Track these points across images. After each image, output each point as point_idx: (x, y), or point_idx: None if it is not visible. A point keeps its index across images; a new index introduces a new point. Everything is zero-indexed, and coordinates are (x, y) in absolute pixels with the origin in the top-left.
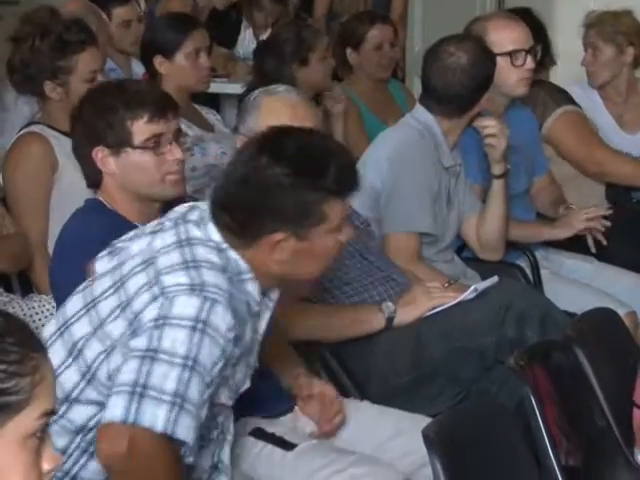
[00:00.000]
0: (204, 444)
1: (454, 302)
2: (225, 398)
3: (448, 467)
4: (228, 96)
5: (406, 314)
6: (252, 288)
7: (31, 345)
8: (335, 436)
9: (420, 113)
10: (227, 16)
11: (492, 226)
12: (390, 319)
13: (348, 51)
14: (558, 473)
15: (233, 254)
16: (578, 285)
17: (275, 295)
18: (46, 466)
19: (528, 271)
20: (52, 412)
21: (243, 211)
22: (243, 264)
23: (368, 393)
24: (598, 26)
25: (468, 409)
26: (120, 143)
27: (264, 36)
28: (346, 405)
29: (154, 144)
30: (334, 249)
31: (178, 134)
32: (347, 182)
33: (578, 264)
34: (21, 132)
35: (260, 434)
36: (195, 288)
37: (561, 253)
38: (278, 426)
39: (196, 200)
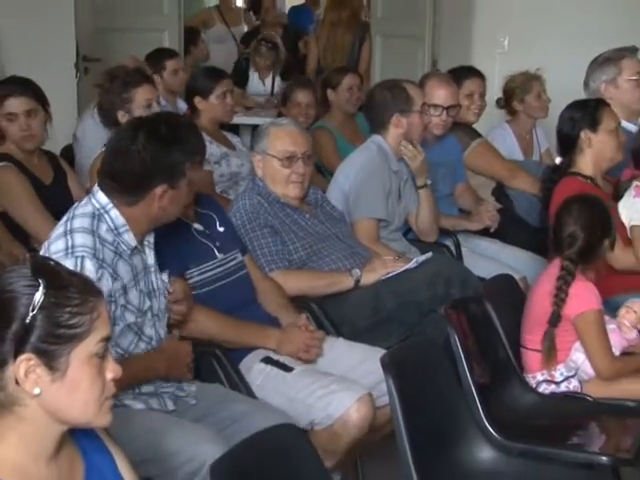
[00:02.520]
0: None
1: (402, 269)
2: (133, 318)
3: (398, 384)
4: (245, 125)
5: (368, 278)
6: (127, 237)
7: (89, 292)
8: (318, 363)
9: (376, 138)
10: (239, 63)
11: (423, 219)
12: (357, 281)
13: (329, 92)
14: (473, 388)
15: (115, 212)
16: (487, 259)
17: (151, 238)
18: (109, 375)
19: (453, 249)
20: (108, 338)
21: (130, 177)
22: (120, 219)
23: (342, 333)
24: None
25: (411, 344)
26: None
27: (267, 79)
28: (326, 340)
29: None
30: (191, 193)
31: None
32: (198, 148)
33: (487, 244)
34: None
35: (268, 360)
36: (68, 252)
37: (475, 237)
38: (280, 354)
39: (223, 196)
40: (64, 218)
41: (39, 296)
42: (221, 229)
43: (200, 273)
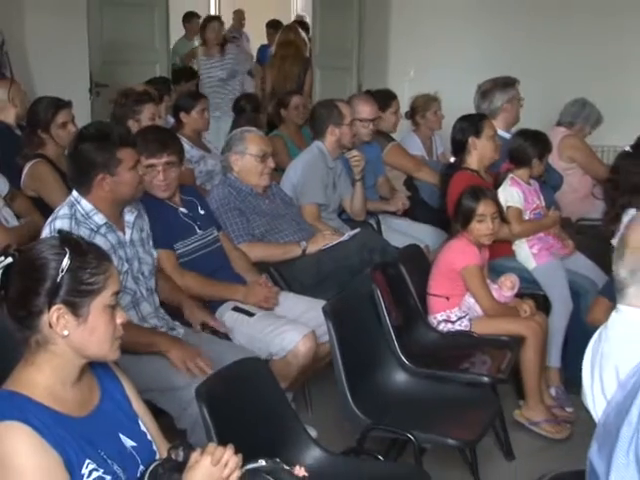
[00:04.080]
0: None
1: (337, 241)
2: (130, 283)
3: (335, 325)
4: None
5: (312, 247)
6: (97, 218)
7: (103, 258)
8: (274, 310)
9: (316, 143)
10: None
11: (356, 203)
12: (304, 250)
13: (282, 110)
14: (390, 329)
15: (83, 201)
16: (400, 233)
17: (130, 217)
18: (119, 320)
19: (375, 226)
20: (118, 292)
21: (78, 173)
22: (88, 205)
23: (292, 288)
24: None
25: (345, 296)
26: None
27: None
28: (281, 294)
29: None
30: (135, 178)
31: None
32: (127, 138)
33: (400, 222)
34: None
35: (237, 309)
36: (51, 233)
37: (392, 216)
38: (246, 304)
39: (202, 188)
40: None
41: (66, 261)
42: (201, 212)
43: (185, 245)
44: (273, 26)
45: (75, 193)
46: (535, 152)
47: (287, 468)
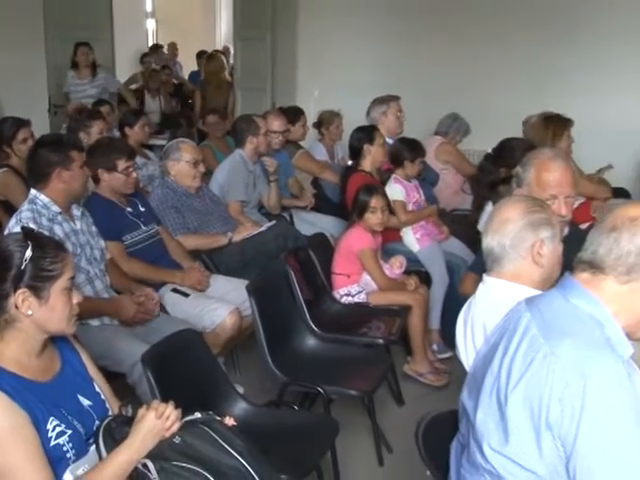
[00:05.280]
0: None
1: (257, 232)
2: (84, 264)
3: (256, 301)
4: (157, 145)
5: (237, 237)
6: (54, 208)
7: (60, 249)
8: (206, 291)
9: (239, 150)
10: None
11: (272, 199)
12: (230, 240)
13: (207, 125)
14: (302, 303)
15: (41, 196)
16: (309, 224)
17: (79, 211)
18: (75, 300)
19: (288, 218)
20: (73, 277)
21: (37, 171)
22: (45, 198)
23: (221, 271)
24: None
25: (264, 277)
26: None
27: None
28: (211, 277)
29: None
30: (84, 175)
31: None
32: (76, 143)
33: (308, 215)
34: None
35: (175, 290)
36: (17, 222)
37: (302, 210)
38: (183, 287)
39: (145, 189)
40: None
41: (29, 252)
42: (142, 209)
43: (132, 238)
44: (201, 56)
45: (33, 191)
46: (409, 155)
47: (219, 419)
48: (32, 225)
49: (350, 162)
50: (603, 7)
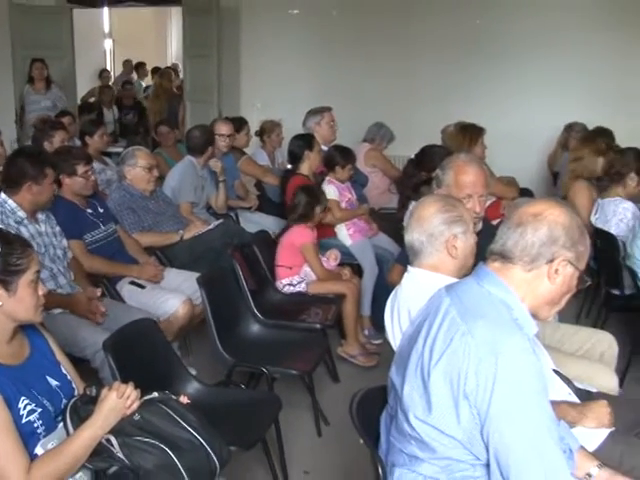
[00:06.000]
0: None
1: (206, 229)
2: (48, 262)
3: (207, 292)
4: (114, 152)
5: (187, 235)
6: (20, 213)
7: (25, 245)
8: (160, 283)
9: (189, 157)
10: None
11: (219, 200)
12: (181, 237)
13: (158, 135)
14: (247, 293)
15: (9, 201)
16: (253, 222)
17: (43, 215)
18: (40, 292)
19: (235, 218)
20: (38, 271)
21: (12, 179)
22: (13, 204)
23: (174, 265)
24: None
25: (213, 270)
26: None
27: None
28: (165, 270)
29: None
30: (52, 190)
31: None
32: (52, 161)
33: (252, 215)
34: None
35: (133, 283)
36: None
37: (247, 210)
38: (139, 279)
39: (103, 192)
40: None
41: None
42: (101, 210)
43: (92, 236)
44: (155, 72)
45: (3, 195)
46: (341, 161)
47: (174, 397)
48: (0, 225)
49: (289, 166)
50: (509, 30)
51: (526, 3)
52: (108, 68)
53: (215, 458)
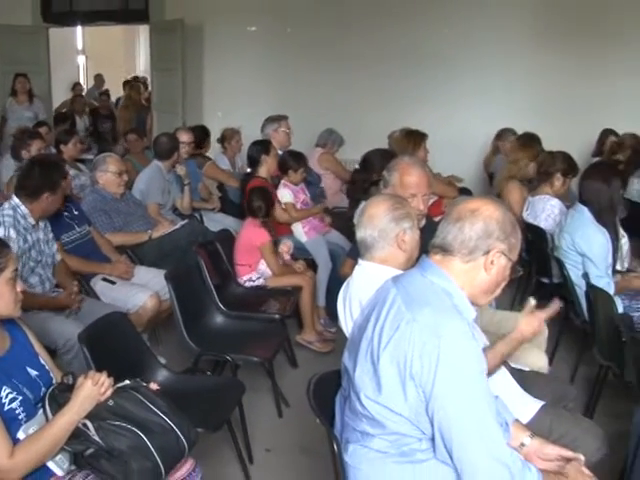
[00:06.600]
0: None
1: (173, 229)
2: (33, 263)
3: (173, 286)
4: (87, 159)
5: (156, 234)
6: (30, 220)
7: (4, 246)
8: (130, 279)
9: (156, 161)
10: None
11: (185, 202)
12: (150, 236)
13: (127, 142)
14: (212, 287)
15: (22, 207)
16: (216, 222)
17: (43, 223)
18: (18, 288)
19: (199, 218)
20: (16, 269)
21: (31, 188)
22: (25, 210)
23: (143, 263)
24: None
25: (179, 267)
26: None
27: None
28: (135, 267)
29: None
30: (62, 198)
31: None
32: (65, 170)
33: (216, 215)
34: None
35: (105, 279)
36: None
37: (210, 212)
38: (111, 276)
39: (78, 196)
40: None
41: None
42: (76, 212)
43: (68, 237)
44: (126, 85)
45: (16, 199)
46: (293, 165)
47: (145, 384)
48: (11, 229)
49: (249, 170)
50: (448, 46)
51: (461, 21)
52: (81, 82)
53: (184, 439)
